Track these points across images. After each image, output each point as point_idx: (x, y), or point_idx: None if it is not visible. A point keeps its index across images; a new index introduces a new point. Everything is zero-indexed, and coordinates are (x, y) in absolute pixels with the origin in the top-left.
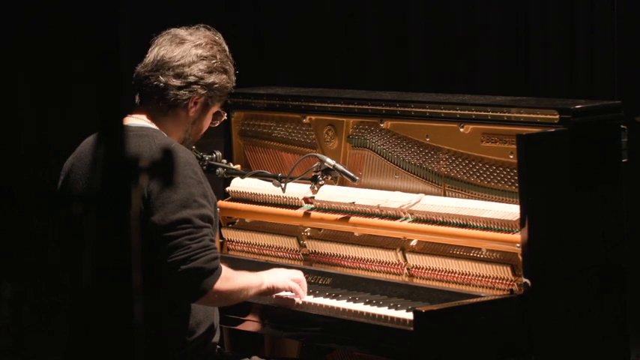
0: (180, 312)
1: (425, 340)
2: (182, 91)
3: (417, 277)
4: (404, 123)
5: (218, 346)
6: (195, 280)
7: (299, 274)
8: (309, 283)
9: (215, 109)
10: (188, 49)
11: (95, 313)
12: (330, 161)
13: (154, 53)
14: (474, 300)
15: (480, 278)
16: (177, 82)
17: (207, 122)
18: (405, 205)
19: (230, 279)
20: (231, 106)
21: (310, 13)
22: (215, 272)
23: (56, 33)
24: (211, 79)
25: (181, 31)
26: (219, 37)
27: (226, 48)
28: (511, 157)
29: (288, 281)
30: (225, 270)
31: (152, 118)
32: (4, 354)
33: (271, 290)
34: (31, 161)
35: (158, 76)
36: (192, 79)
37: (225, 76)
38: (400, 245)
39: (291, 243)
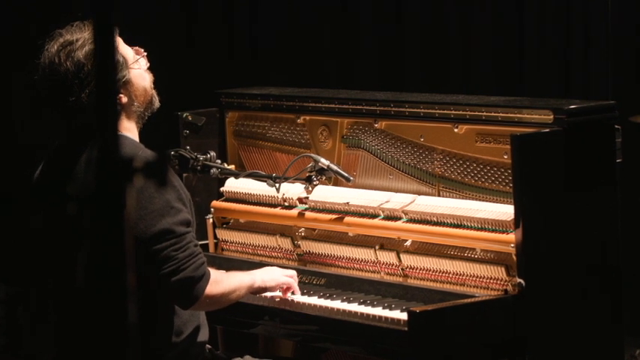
0: (166, 313)
1: (419, 340)
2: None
3: (411, 278)
4: (398, 123)
5: (209, 346)
6: (187, 289)
7: (291, 272)
8: (303, 283)
9: (129, 62)
10: (52, 74)
11: (88, 313)
12: (324, 161)
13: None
14: (468, 300)
15: (474, 278)
16: (85, 95)
17: (139, 79)
18: (399, 205)
19: (220, 282)
20: (225, 106)
21: (304, 14)
22: (204, 278)
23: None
24: (89, 62)
25: (44, 62)
26: (59, 33)
27: (62, 31)
28: (505, 157)
29: (280, 277)
30: (214, 273)
31: None
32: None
33: (263, 288)
34: (30, 162)
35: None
36: (90, 79)
37: (87, 48)
38: (394, 245)
39: (285, 243)
